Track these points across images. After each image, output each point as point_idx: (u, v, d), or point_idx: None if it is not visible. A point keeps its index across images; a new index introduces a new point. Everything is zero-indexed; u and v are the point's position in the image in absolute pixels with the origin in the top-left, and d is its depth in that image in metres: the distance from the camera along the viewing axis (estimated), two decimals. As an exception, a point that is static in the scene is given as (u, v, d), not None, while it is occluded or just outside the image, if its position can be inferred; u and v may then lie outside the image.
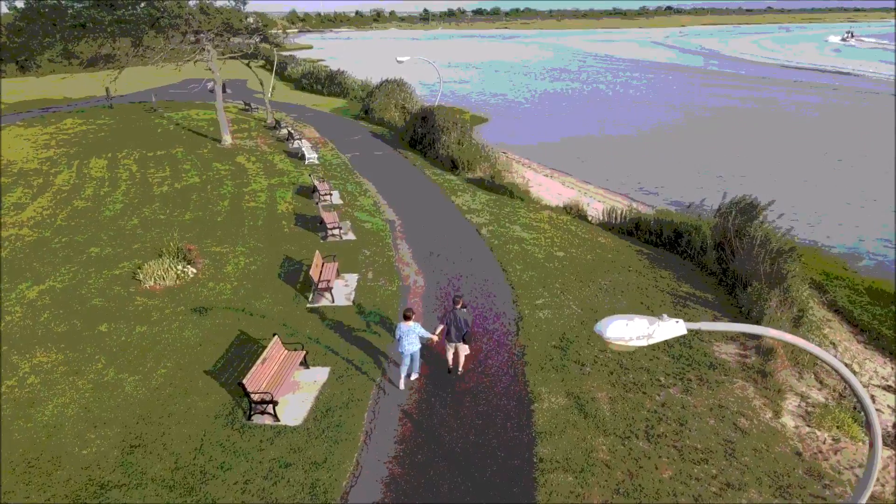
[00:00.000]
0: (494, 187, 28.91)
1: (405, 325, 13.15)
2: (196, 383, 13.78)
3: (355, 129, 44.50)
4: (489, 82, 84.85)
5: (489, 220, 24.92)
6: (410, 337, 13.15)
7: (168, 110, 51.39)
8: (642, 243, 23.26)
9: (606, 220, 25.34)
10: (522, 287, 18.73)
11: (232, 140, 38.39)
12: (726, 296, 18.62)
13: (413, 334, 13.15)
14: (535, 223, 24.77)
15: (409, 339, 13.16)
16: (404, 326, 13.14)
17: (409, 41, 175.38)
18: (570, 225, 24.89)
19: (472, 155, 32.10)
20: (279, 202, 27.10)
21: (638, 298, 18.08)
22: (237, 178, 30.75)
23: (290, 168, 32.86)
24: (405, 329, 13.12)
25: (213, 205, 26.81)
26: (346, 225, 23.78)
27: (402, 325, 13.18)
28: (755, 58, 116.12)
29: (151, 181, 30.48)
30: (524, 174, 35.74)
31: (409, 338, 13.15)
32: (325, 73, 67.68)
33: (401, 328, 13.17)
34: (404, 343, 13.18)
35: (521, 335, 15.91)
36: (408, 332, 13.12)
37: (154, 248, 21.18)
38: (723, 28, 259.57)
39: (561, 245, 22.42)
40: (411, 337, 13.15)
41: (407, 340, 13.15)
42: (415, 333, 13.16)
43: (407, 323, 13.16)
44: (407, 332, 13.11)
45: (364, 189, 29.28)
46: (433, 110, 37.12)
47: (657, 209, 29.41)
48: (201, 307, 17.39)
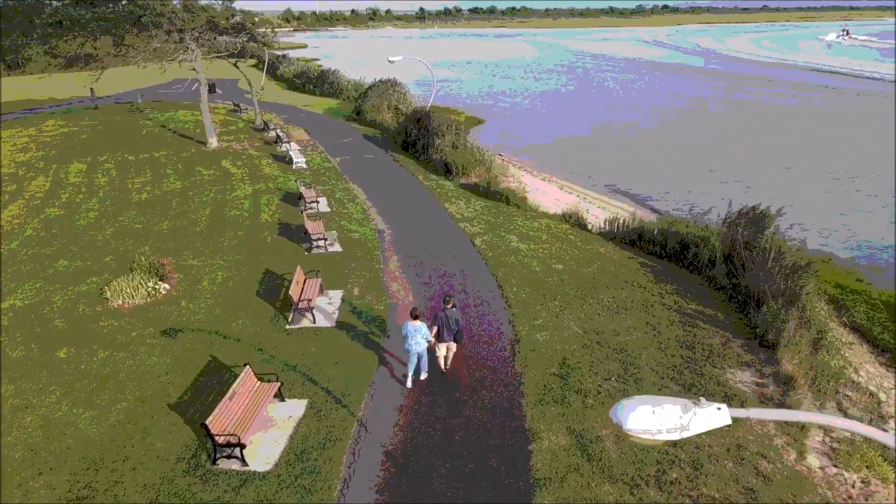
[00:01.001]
0: (490, 193, 27.61)
1: (412, 324, 12.95)
2: (158, 420, 12.45)
3: (346, 130, 43.16)
4: (485, 82, 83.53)
5: (484, 229, 23.62)
6: (417, 337, 12.98)
7: (155, 111, 50.00)
8: (646, 254, 21.98)
9: (607, 228, 24.05)
10: (519, 305, 17.44)
11: (218, 143, 37.02)
12: (737, 314, 17.34)
13: (419, 334, 12.98)
14: (533, 232, 23.48)
15: (415, 339, 13.00)
16: (411, 326, 12.94)
17: (404, 40, 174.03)
18: (569, 234, 23.60)
19: (467, 159, 30.78)
20: (263, 210, 25.75)
21: (643, 317, 16.80)
22: (221, 184, 29.39)
23: (277, 173, 31.50)
24: (412, 328, 12.94)
25: (193, 213, 25.45)
26: (332, 235, 22.45)
27: (410, 324, 12.98)
28: (755, 57, 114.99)
29: (131, 187, 29.09)
30: (521, 178, 34.51)
31: (416, 337, 12.99)
32: (318, 73, 66.16)
33: (407, 327, 12.99)
34: (411, 342, 13.02)
35: (517, 360, 14.62)
36: (415, 331, 12.95)
37: (127, 261, 19.86)
38: (718, 27, 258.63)
39: (560, 257, 21.14)
40: (418, 337, 12.99)
41: (414, 340, 12.99)
42: (421, 333, 12.99)
43: (414, 322, 12.95)
44: (414, 332, 12.95)
45: (353, 195, 27.94)
46: (427, 112, 35.76)
47: (660, 216, 28.22)
48: (171, 329, 16.05)
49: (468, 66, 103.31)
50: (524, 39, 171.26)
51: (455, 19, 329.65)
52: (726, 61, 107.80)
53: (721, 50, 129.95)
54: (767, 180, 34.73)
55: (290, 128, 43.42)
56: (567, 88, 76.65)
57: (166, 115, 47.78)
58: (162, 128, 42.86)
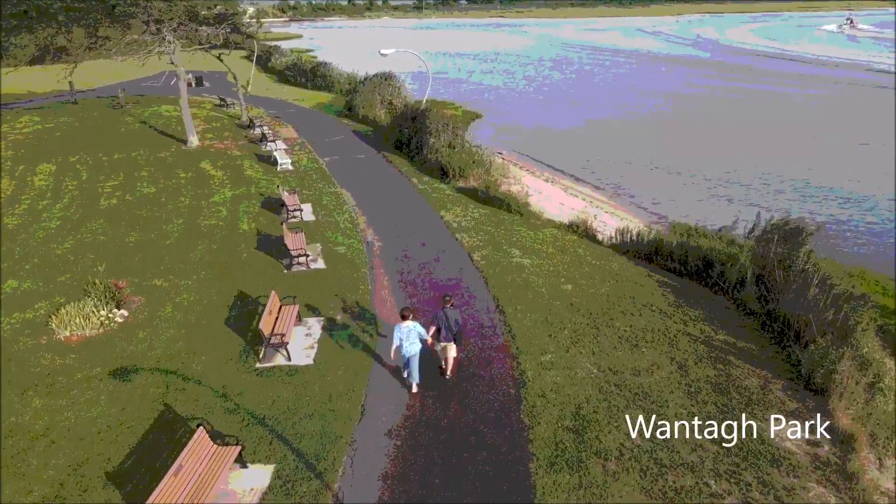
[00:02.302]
0: (489, 199, 25.38)
1: (404, 325, 12.28)
2: (91, 496, 10.30)
3: (337, 128, 40.82)
4: (483, 74, 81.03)
5: (483, 241, 21.43)
6: (411, 337, 12.33)
7: (137, 106, 47.52)
8: (663, 271, 19.80)
9: (619, 240, 21.87)
10: (525, 336, 15.30)
11: (199, 142, 34.73)
12: (773, 346, 15.19)
13: (413, 334, 12.33)
14: (538, 245, 21.30)
15: (409, 340, 12.32)
16: (403, 327, 12.27)
17: (400, 30, 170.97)
18: (577, 247, 21.43)
19: (465, 161, 28.53)
20: (242, 219, 23.54)
21: (666, 351, 14.67)
22: (198, 188, 27.14)
23: (260, 175, 29.24)
24: (405, 329, 12.26)
25: (165, 222, 23.23)
26: (315, 250, 20.29)
27: (401, 326, 12.29)
28: (761, 48, 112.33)
29: (100, 191, 26.83)
30: (522, 179, 32.26)
31: (410, 338, 12.32)
32: (310, 66, 63.66)
33: (400, 329, 12.28)
34: (405, 345, 12.36)
35: (524, 408, 12.50)
36: (408, 332, 12.29)
37: (84, 281, 17.61)
38: (718, 17, 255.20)
39: (568, 274, 18.98)
40: (411, 337, 12.34)
41: (407, 342, 12.32)
42: (415, 333, 12.34)
43: (405, 323, 12.28)
44: (407, 333, 12.29)
45: (341, 201, 25.70)
46: (421, 109, 33.46)
47: (677, 225, 26.04)
48: (123, 369, 13.88)
49: (466, 57, 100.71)
50: (522, 30, 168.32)
51: (452, 9, 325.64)
52: (736, 54, 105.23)
53: (724, 41, 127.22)
54: (789, 181, 32.54)
55: (278, 124, 41.10)
56: (568, 81, 74.24)
57: (149, 111, 45.36)
58: (142, 124, 40.49)
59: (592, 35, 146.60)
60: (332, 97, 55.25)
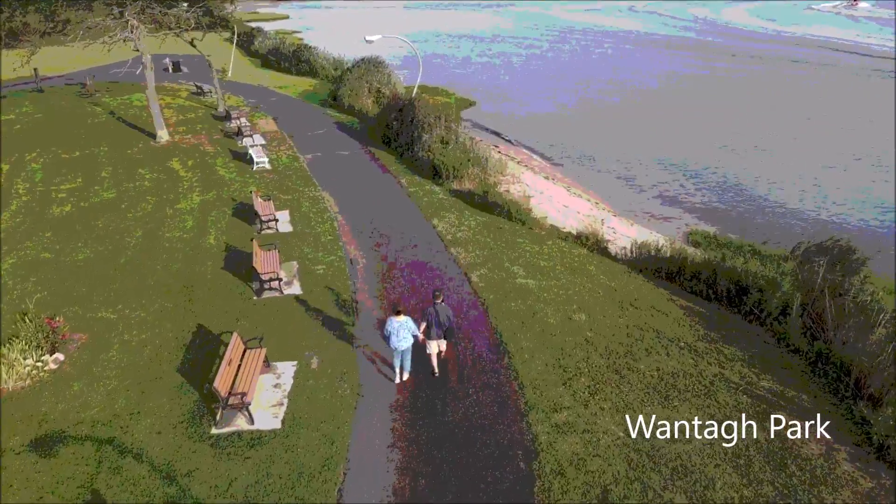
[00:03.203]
0: (487, 205, 22.83)
1: (396, 319, 12.21)
2: None
3: (321, 119, 37.93)
4: (477, 56, 77.92)
5: (482, 257, 18.94)
6: (402, 332, 12.26)
7: (107, 94, 44.39)
8: (688, 294, 17.38)
9: (634, 255, 19.43)
10: (534, 383, 12.92)
11: (169, 136, 31.87)
12: (828, 395, 12.87)
13: (405, 329, 12.26)
14: (543, 261, 18.82)
15: (400, 335, 12.27)
16: (395, 322, 12.21)
17: (391, 10, 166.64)
18: (588, 264, 18.98)
19: (460, 160, 25.91)
20: (209, 230, 20.92)
21: (703, 405, 12.31)
22: (164, 192, 24.44)
23: (234, 176, 26.52)
24: (396, 325, 12.20)
25: (122, 234, 20.59)
26: (290, 270, 17.76)
27: (393, 320, 12.25)
28: (763, 30, 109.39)
29: (54, 196, 24.10)
30: (521, 177, 29.78)
31: (401, 333, 12.26)
32: (292, 49, 60.30)
33: (391, 323, 12.25)
34: (395, 340, 12.30)
35: (538, 494, 10.13)
36: (399, 327, 12.20)
37: (17, 314, 15.01)
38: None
39: (580, 299, 16.55)
40: (403, 332, 12.26)
41: (398, 336, 12.26)
42: (406, 329, 12.27)
43: (398, 318, 12.22)
44: (398, 329, 12.20)
45: (322, 207, 23.06)
46: (410, 101, 30.70)
47: (693, 232, 23.68)
48: (48, 438, 11.38)
49: (459, 39, 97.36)
50: (513, 10, 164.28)
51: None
52: (741, 38, 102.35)
53: (729, 23, 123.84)
54: (826, 180, 30.17)
55: (257, 115, 38.21)
56: (564, 65, 71.27)
57: (119, 100, 42.28)
58: (110, 116, 37.50)
59: (588, 17, 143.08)
60: (317, 83, 52.14)
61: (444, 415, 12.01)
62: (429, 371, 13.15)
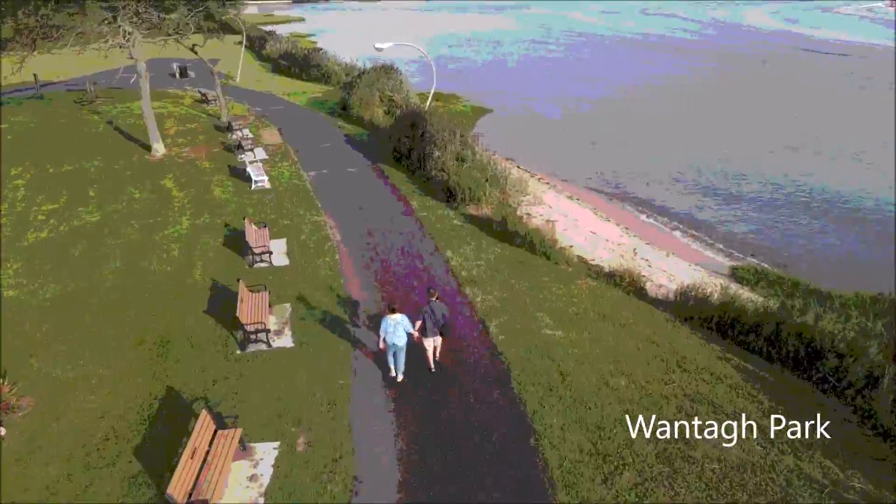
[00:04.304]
0: (507, 234, 20.43)
1: (391, 317, 12.42)
2: None
3: (328, 130, 35.68)
4: (493, 60, 75.57)
5: (502, 300, 16.53)
6: (398, 331, 12.40)
7: (109, 101, 42.46)
8: (744, 351, 14.87)
9: (679, 298, 16.94)
10: (566, 478, 10.55)
11: (166, 149, 29.80)
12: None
13: (400, 328, 12.40)
14: (573, 307, 16.38)
15: (396, 333, 12.40)
16: (391, 320, 12.40)
17: (406, 13, 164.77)
18: (623, 309, 16.51)
19: (476, 180, 23.55)
20: (196, 262, 18.70)
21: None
22: (152, 215, 22.30)
23: (230, 196, 24.32)
24: (392, 323, 12.38)
25: (99, 266, 18.44)
26: (282, 314, 15.53)
27: (389, 318, 12.44)
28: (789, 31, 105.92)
29: (32, 219, 22.04)
30: (544, 197, 27.40)
31: (397, 332, 12.39)
32: (303, 55, 58.22)
33: (387, 322, 12.42)
34: (391, 338, 12.46)
35: None
36: (395, 326, 12.37)
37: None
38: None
39: (618, 358, 14.12)
40: (398, 331, 12.40)
41: (395, 335, 12.41)
42: (402, 327, 12.41)
43: (393, 316, 12.44)
44: (394, 327, 12.37)
45: (323, 236, 20.75)
46: (423, 114, 28.34)
47: (741, 268, 21.13)
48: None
49: (474, 43, 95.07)
50: (530, 13, 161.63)
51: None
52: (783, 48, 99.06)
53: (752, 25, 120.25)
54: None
55: (261, 125, 36.10)
56: (583, 69, 68.66)
57: (120, 108, 40.32)
58: (108, 125, 35.50)
59: (606, 19, 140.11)
60: (327, 90, 49.99)
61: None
62: (425, 373, 13.21)
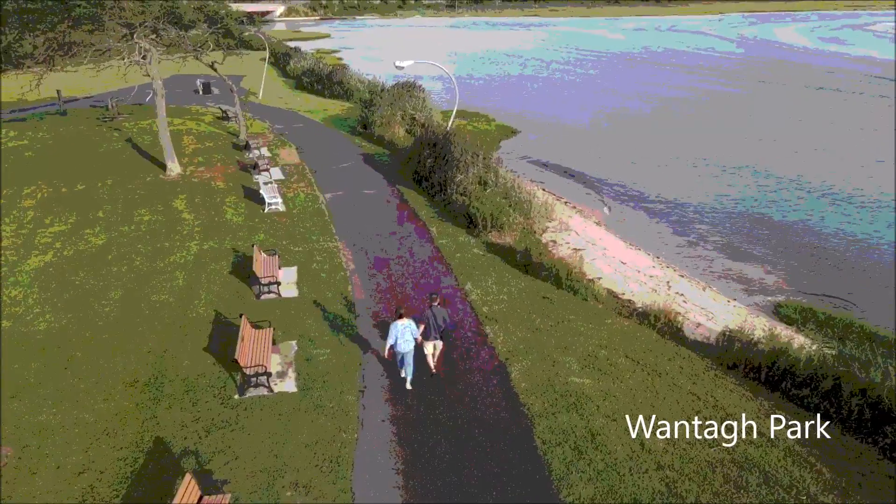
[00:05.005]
0: (531, 265, 19.08)
1: (401, 323, 12.54)
2: None
3: (347, 150, 34.75)
4: (520, 79, 74.54)
5: (525, 340, 15.17)
6: (406, 335, 12.54)
7: (131, 118, 42.17)
8: (796, 405, 13.27)
9: (721, 343, 15.40)
10: (599, 567, 9.07)
11: (181, 168, 29.06)
12: None
13: (408, 332, 12.57)
14: (603, 350, 14.93)
15: (404, 338, 12.54)
16: (400, 325, 12.52)
17: (432, 29, 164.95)
18: (659, 354, 15.01)
19: (499, 207, 22.28)
20: (200, 293, 17.65)
21: None
22: (159, 239, 21.41)
23: (242, 220, 23.36)
24: (400, 328, 12.52)
25: (99, 296, 17.49)
26: (287, 352, 14.40)
27: (398, 323, 12.54)
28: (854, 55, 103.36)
29: (37, 242, 21.29)
30: (570, 222, 26.01)
31: (405, 336, 12.54)
32: (326, 72, 57.68)
33: (396, 327, 12.53)
34: (400, 343, 12.59)
35: None
36: (403, 330, 12.55)
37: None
38: (763, 15, 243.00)
39: (653, 412, 12.55)
40: (406, 335, 12.55)
41: (403, 339, 12.57)
42: (409, 332, 12.59)
43: (402, 321, 12.56)
44: (402, 332, 12.54)
45: (336, 264, 19.61)
46: (446, 136, 27.20)
47: (785, 303, 19.49)
48: None
49: (501, 60, 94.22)
50: (559, 29, 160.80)
51: (486, 7, 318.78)
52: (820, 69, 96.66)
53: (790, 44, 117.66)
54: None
55: (280, 144, 35.31)
56: (614, 89, 67.21)
57: (141, 125, 39.88)
58: (127, 143, 35.02)
59: (640, 37, 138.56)
60: (349, 107, 49.29)
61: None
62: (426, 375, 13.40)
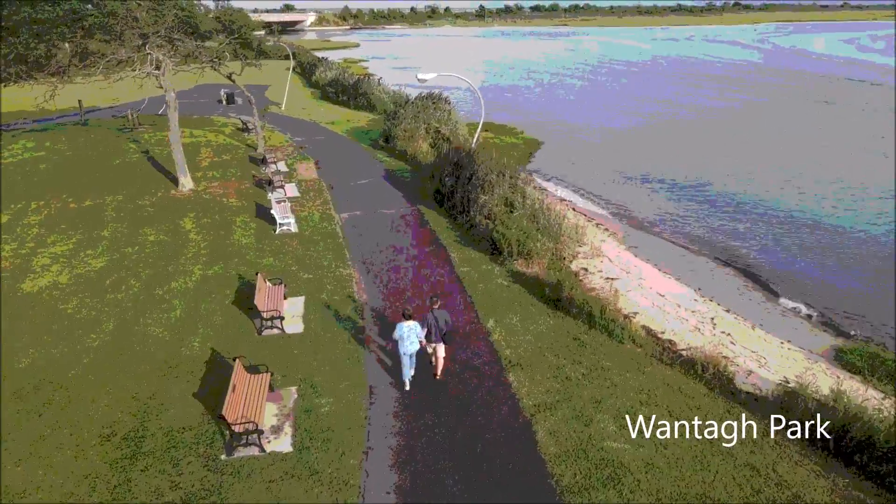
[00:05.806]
0: (562, 301, 17.27)
1: (406, 324, 12.62)
2: None
3: (368, 165, 33.33)
4: (547, 89, 72.80)
5: (554, 391, 13.38)
6: (411, 337, 12.65)
7: (151, 129, 41.37)
8: (876, 485, 11.27)
9: (781, 398, 13.42)
10: None
11: (194, 184, 27.89)
12: None
13: (413, 334, 12.64)
14: (641, 407, 13.03)
15: (410, 340, 12.67)
16: (406, 327, 12.60)
17: (461, 39, 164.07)
18: (708, 412, 13.05)
19: (526, 231, 20.54)
20: (198, 326, 16.20)
21: None
22: (162, 262, 20.10)
23: (251, 242, 21.99)
24: (406, 329, 12.60)
25: (89, 329, 16.15)
26: (286, 400, 12.79)
27: (404, 325, 12.62)
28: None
29: (34, 264, 20.12)
30: (602, 246, 24.16)
31: (410, 338, 12.65)
32: (350, 81, 56.62)
33: (402, 328, 12.62)
34: (406, 344, 12.69)
35: None
36: (409, 332, 12.62)
37: None
38: (799, 24, 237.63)
39: (705, 490, 10.74)
40: (412, 337, 12.65)
41: (409, 340, 12.65)
42: (415, 333, 12.65)
43: (408, 322, 12.63)
44: (409, 333, 12.62)
45: (347, 295, 18.04)
46: (470, 154, 25.56)
47: (848, 350, 17.38)
48: None
49: (529, 69, 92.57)
50: (588, 38, 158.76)
51: (516, 17, 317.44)
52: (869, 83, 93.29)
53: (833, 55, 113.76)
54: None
55: (299, 158, 34.04)
56: (649, 100, 65.06)
57: (158, 137, 38.97)
58: (143, 155, 34.08)
59: (671, 46, 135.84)
60: (373, 119, 48.07)
61: None
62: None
